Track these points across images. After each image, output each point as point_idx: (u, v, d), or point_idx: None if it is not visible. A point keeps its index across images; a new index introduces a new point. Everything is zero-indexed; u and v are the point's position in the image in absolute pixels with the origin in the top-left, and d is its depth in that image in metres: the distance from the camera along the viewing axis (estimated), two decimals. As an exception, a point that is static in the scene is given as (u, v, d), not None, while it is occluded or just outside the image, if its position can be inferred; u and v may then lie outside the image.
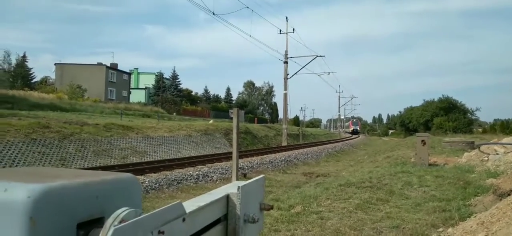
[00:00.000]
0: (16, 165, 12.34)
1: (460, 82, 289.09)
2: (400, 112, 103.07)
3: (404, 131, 79.42)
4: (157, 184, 10.36)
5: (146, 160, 16.26)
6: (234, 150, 11.72)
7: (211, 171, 13.11)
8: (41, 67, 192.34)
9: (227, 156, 16.39)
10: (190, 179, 11.64)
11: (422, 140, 12.92)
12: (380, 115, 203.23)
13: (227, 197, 1.68)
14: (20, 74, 55.69)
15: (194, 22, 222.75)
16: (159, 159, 16.69)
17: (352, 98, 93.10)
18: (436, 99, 69.58)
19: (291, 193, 9.06)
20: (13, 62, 55.64)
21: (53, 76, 62.02)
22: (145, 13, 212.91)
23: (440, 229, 5.20)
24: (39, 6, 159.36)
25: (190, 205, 1.42)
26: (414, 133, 44.91)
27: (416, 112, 73.57)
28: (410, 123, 74.23)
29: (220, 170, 13.49)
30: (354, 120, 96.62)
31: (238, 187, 1.66)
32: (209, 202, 1.52)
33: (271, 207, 2.09)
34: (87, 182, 1.16)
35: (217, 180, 12.31)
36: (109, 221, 1.09)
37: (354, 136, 71.31)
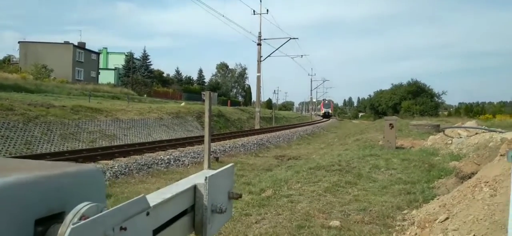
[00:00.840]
0: (-23, 149, 11.83)
1: (428, 66, 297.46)
2: (370, 95, 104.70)
3: (373, 114, 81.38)
4: (127, 169, 10.20)
5: (115, 143, 15.94)
6: (206, 134, 11.65)
7: (182, 155, 13.01)
8: (4, 46, 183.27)
9: (199, 140, 16.31)
10: (161, 164, 11.53)
11: (390, 124, 13.27)
12: (350, 99, 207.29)
13: (195, 188, 1.66)
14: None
15: (167, 0, 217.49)
16: (129, 143, 16.41)
17: (323, 81, 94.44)
18: (404, 83, 71.46)
19: (263, 176, 9.15)
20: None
21: (16, 55, 59.31)
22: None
23: (405, 211, 5.40)
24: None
25: (155, 197, 1.40)
26: (383, 116, 46.03)
27: (385, 96, 75.35)
28: (379, 106, 76.01)
29: (192, 154, 13.42)
30: (326, 102, 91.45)
31: (206, 177, 1.65)
32: (175, 194, 1.51)
33: (240, 196, 2.09)
34: (47, 175, 1.12)
35: (188, 164, 12.25)
36: (68, 217, 1.06)
37: (325, 119, 70.01)
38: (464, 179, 6.49)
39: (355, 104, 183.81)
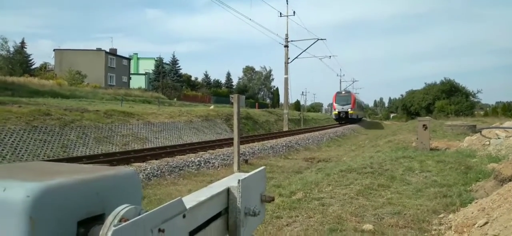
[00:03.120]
0: (18, 153, 12.38)
1: (462, 65, 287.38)
2: (401, 95, 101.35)
3: (405, 115, 79.35)
4: (159, 171, 10.40)
5: (147, 146, 16.30)
6: (235, 136, 11.73)
7: (212, 157, 13.13)
8: (40, 53, 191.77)
9: (228, 142, 16.42)
10: (192, 166, 11.68)
11: (424, 125, 12.90)
12: (381, 99, 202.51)
13: (228, 191, 1.67)
14: (19, 60, 55.47)
15: (194, 6, 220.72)
16: (160, 145, 16.73)
17: (353, 82, 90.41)
18: (438, 82, 69.41)
19: (293, 179, 9.10)
20: (11, 48, 55.37)
21: (52, 62, 61.81)
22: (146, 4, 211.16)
23: (441, 215, 5.22)
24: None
25: (190, 200, 1.41)
26: (415, 116, 44.92)
27: (417, 96, 73.32)
28: (411, 107, 74.06)
29: (222, 156, 13.52)
30: (342, 95, 51.38)
31: (239, 180, 1.65)
32: (210, 197, 1.52)
33: (273, 199, 2.08)
34: (87, 178, 1.15)
35: (218, 166, 12.35)
36: (109, 219, 1.08)
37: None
38: (504, 182, 6.21)
39: (386, 104, 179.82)
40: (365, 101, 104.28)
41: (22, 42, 59.43)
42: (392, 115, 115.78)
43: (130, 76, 65.99)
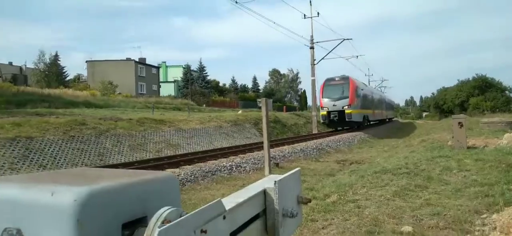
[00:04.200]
0: (57, 162, 12.87)
1: (495, 59, 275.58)
2: (433, 93, 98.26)
3: (438, 113, 77.00)
4: (192, 176, 10.54)
5: (179, 152, 16.56)
6: (265, 140, 11.72)
7: (243, 161, 13.18)
8: (73, 65, 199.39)
9: (258, 146, 16.44)
10: (224, 170, 11.76)
11: (459, 122, 12.47)
12: (412, 98, 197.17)
13: (264, 192, 1.66)
14: (54, 73, 57.86)
15: (218, 12, 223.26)
16: (192, 151, 16.96)
17: (382, 81, 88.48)
18: (470, 79, 67.01)
19: (325, 181, 8.99)
20: (47, 61, 57.85)
21: (85, 73, 64.09)
22: (170, 6, 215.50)
23: (484, 216, 5.01)
24: (67, 5, 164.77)
25: (228, 202, 1.41)
26: (449, 115, 43.58)
27: (450, 93, 71.08)
28: (444, 105, 71.83)
29: (252, 160, 13.55)
30: (334, 83, 31.65)
31: (275, 181, 1.64)
32: (247, 198, 1.51)
33: (309, 200, 2.06)
34: (129, 182, 1.18)
35: (250, 171, 12.37)
36: (152, 221, 1.09)
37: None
38: (550, 179, 5.90)
39: (418, 103, 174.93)
40: (396, 101, 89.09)
41: (56, 55, 62.04)
42: (424, 114, 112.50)
43: (160, 84, 67.45)
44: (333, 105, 30.11)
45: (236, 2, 22.04)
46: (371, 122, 39.27)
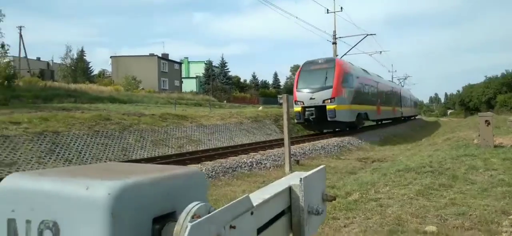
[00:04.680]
0: (82, 157, 13.20)
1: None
2: (458, 91, 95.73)
3: (464, 111, 75.10)
4: (213, 172, 10.63)
5: (201, 148, 16.72)
6: (286, 137, 11.71)
7: (264, 158, 13.20)
8: (98, 61, 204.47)
9: (278, 143, 16.43)
10: (244, 167, 11.82)
11: (486, 120, 12.14)
12: (436, 95, 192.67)
13: (290, 189, 1.67)
14: (81, 68, 59.40)
15: (240, 6, 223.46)
16: (213, 147, 17.10)
17: (406, 78, 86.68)
18: (499, 75, 65.04)
19: (347, 179, 8.92)
20: (75, 56, 59.44)
21: (109, 68, 65.48)
22: (191, 1, 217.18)
23: (512, 216, 4.88)
24: (94, 2, 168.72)
25: (255, 198, 1.43)
26: (475, 112, 42.51)
27: (477, 90, 69.24)
28: (470, 102, 70.05)
29: (273, 157, 13.55)
30: (315, 68, 22.03)
31: (301, 178, 1.65)
32: (274, 195, 1.52)
33: (334, 198, 2.06)
34: (160, 177, 1.21)
35: (270, 167, 12.39)
36: (182, 216, 1.12)
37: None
38: None
39: (443, 100, 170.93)
40: (420, 98, 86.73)
41: (82, 51, 63.69)
42: (449, 111, 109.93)
43: (182, 79, 68.10)
44: (310, 98, 20.73)
45: (258, -3, 21.93)
46: (377, 122, 32.41)
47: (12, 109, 18.94)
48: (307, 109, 21.02)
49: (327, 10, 32.90)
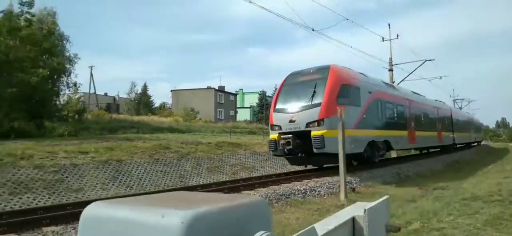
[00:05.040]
0: (143, 183, 13.78)
1: None
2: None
3: (536, 135, 69.13)
4: (266, 199, 10.61)
5: (254, 175, 16.81)
6: (341, 163, 11.47)
7: (317, 185, 12.98)
8: (159, 94, 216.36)
9: (333, 170, 16.09)
10: (298, 194, 11.68)
11: None
12: (504, 119, 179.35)
13: (353, 220, 1.66)
14: (143, 101, 63.56)
15: (294, 40, 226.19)
16: (266, 174, 17.12)
17: (469, 103, 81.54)
18: None
19: (406, 208, 8.51)
20: (139, 91, 64.55)
21: (169, 101, 69.01)
22: (248, 36, 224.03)
23: None
24: (155, 40, 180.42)
25: (319, 228, 1.44)
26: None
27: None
28: (543, 126, 64.36)
29: (327, 184, 13.28)
30: (302, 80, 15.76)
31: (365, 209, 1.63)
32: (337, 225, 1.53)
33: (399, 229, 2.00)
34: (228, 206, 1.27)
35: (324, 195, 12.14)
36: (253, 245, 1.16)
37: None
38: None
39: (511, 125, 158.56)
40: (485, 122, 77.74)
41: (145, 86, 68.28)
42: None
43: (237, 109, 70.17)
44: (290, 120, 14.78)
45: (313, 30, 22.08)
46: (420, 151, 28.25)
47: (81, 140, 20.37)
48: (283, 136, 14.62)
49: (382, 38, 32.27)
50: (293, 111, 14.76)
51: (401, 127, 20.49)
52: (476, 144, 47.25)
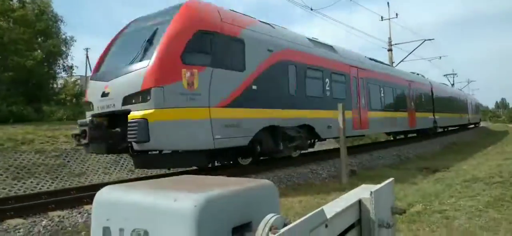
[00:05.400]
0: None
1: None
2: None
3: (536, 116, 69.18)
4: (269, 182, 10.67)
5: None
6: (342, 146, 11.51)
7: (319, 168, 13.07)
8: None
9: (334, 152, 16.16)
10: (299, 177, 11.76)
11: None
12: (503, 100, 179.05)
13: (359, 202, 1.68)
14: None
15: (292, 19, 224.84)
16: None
17: (468, 83, 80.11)
18: None
19: (408, 190, 8.57)
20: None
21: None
22: (243, 11, 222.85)
23: None
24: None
25: (327, 211, 1.46)
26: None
27: (552, 94, 63.49)
28: (544, 107, 64.33)
29: (328, 167, 13.37)
30: (138, 26, 9.94)
31: (371, 192, 1.65)
32: (345, 208, 1.55)
33: (404, 211, 2.03)
34: (237, 190, 1.29)
35: (326, 178, 12.23)
36: (261, 227, 1.18)
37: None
38: None
39: (511, 106, 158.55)
40: (484, 103, 74.36)
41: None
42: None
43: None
44: (103, 93, 8.73)
45: (311, 9, 21.90)
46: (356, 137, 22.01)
47: (81, 123, 20.37)
48: (82, 125, 8.71)
49: (381, 17, 32.07)
50: (108, 79, 8.83)
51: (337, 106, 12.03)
52: (472, 126, 43.75)
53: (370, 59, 18.91)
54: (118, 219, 1.32)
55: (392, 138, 25.11)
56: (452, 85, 41.41)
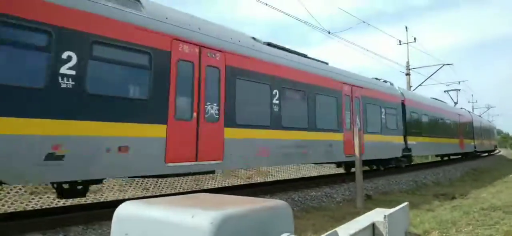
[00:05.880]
0: (159, 185, 13.92)
1: None
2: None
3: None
4: (282, 204, 10.61)
5: (268, 180, 16.81)
6: (358, 169, 11.40)
7: (333, 191, 12.93)
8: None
9: (349, 176, 15.99)
10: (313, 200, 11.66)
11: None
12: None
13: (373, 226, 1.70)
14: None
15: (310, 42, 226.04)
16: (281, 178, 17.11)
17: (488, 108, 79.01)
18: None
19: (424, 216, 8.41)
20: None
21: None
22: (264, 38, 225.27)
23: None
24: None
25: (340, 233, 1.49)
26: None
27: None
28: None
29: (343, 190, 13.22)
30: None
31: (385, 215, 1.67)
32: (358, 230, 1.57)
33: (418, 236, 2.02)
34: (253, 209, 1.32)
35: (340, 202, 12.09)
36: (276, 247, 1.21)
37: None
38: None
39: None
40: (504, 129, 69.90)
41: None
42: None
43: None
44: None
45: (329, 33, 22.01)
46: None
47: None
48: None
49: (400, 41, 31.96)
50: None
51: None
52: (487, 154, 37.98)
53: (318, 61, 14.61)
54: (137, 233, 1.37)
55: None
56: (456, 103, 34.45)
